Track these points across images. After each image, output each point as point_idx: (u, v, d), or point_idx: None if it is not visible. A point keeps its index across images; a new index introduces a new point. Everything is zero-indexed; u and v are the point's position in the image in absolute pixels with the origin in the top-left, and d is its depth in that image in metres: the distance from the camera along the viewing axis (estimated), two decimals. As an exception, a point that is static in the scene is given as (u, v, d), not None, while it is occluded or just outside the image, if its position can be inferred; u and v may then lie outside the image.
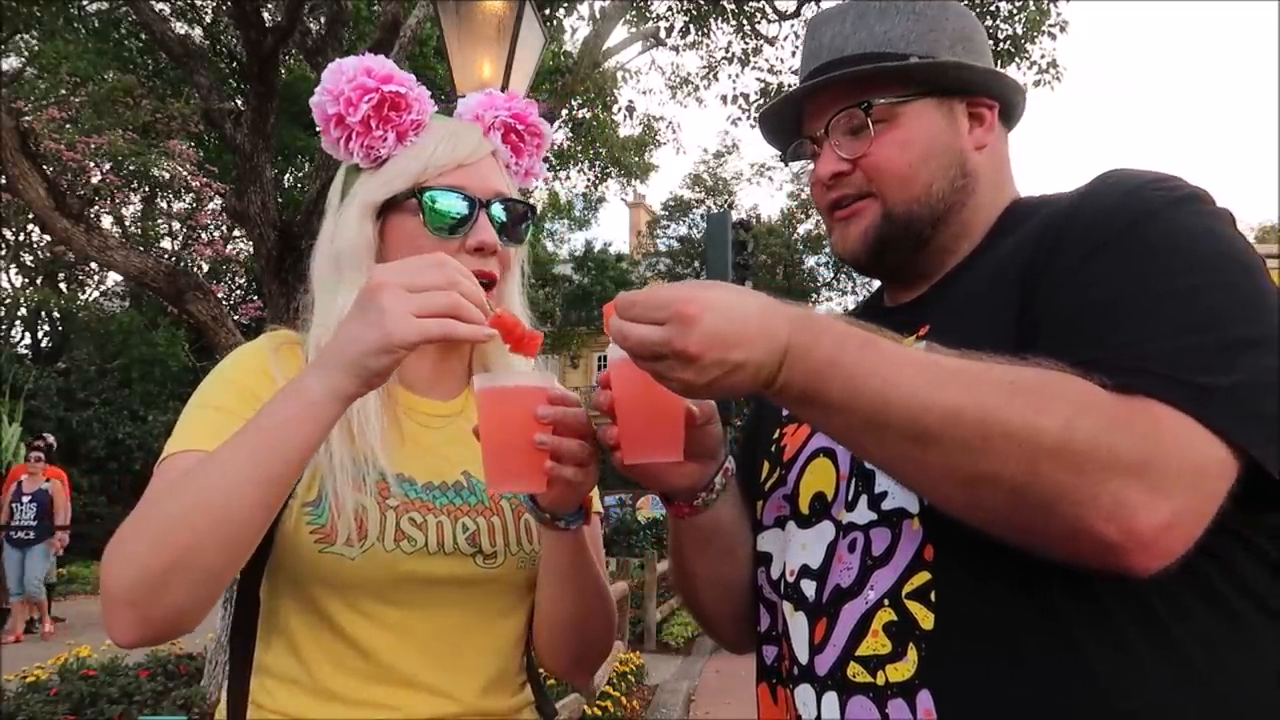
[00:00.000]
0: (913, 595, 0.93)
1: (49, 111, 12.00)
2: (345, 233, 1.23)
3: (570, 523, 1.15)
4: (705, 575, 1.18)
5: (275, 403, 0.99)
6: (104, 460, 17.15)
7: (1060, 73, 10.56)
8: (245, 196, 5.52)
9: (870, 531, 0.99)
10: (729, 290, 0.87)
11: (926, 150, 1.09)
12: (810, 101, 1.14)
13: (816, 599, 1.02)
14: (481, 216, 1.22)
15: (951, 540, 0.91)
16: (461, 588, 1.21)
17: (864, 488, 1.01)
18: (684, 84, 13.67)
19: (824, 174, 1.12)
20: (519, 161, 1.34)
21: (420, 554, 1.17)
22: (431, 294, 0.96)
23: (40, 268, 19.43)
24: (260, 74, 5.56)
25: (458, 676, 1.19)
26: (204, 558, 0.96)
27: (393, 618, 1.17)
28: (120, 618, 0.97)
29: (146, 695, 5.41)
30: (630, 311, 0.87)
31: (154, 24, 6.02)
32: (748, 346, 0.84)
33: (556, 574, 1.21)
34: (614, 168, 17.60)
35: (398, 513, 1.17)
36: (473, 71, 4.70)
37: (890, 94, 1.08)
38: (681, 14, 10.54)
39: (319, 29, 6.71)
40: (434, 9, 4.85)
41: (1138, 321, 0.85)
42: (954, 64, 1.10)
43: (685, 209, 28.57)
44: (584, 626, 1.26)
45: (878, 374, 0.83)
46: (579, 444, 1.05)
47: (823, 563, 1.03)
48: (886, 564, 0.96)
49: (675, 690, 7.62)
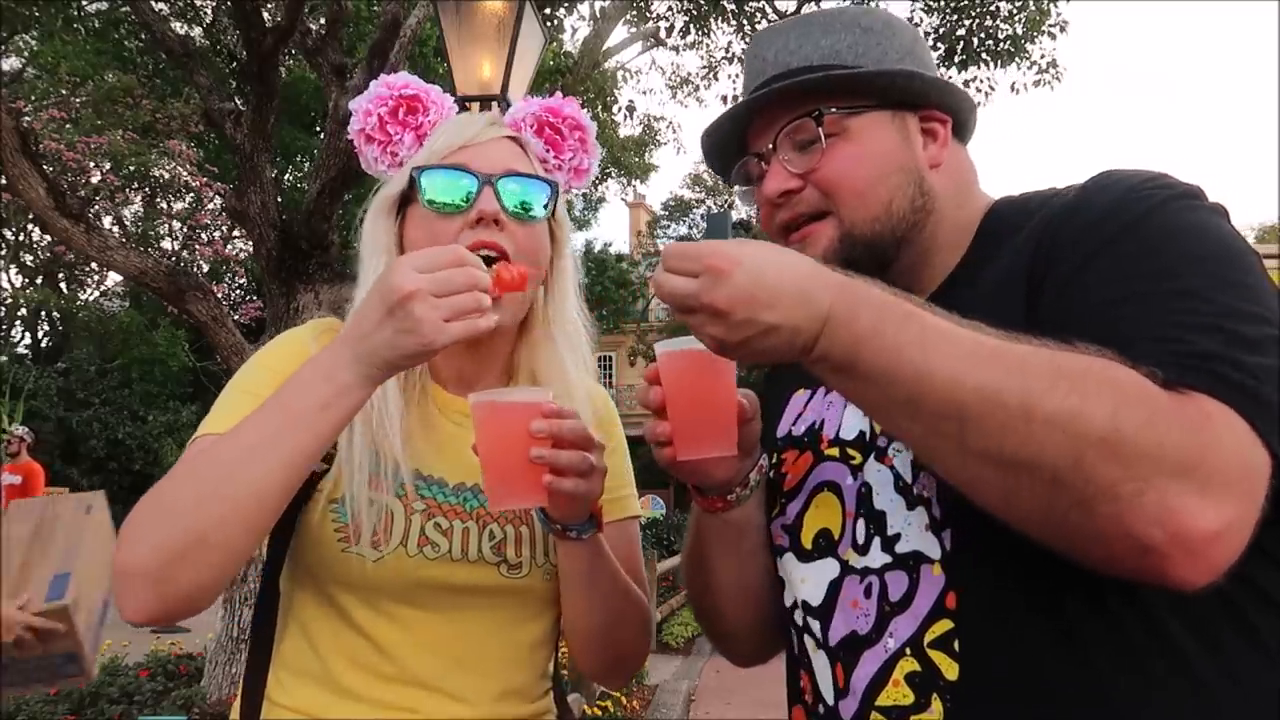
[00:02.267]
0: (935, 644, 0.90)
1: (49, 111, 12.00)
2: (368, 232, 1.25)
3: (582, 532, 1.13)
4: (730, 579, 1.14)
5: (302, 386, 1.01)
6: (104, 460, 17.16)
7: (1060, 73, 10.56)
8: (245, 196, 5.52)
9: (886, 575, 0.96)
10: (770, 250, 0.85)
11: (883, 165, 1.04)
12: (757, 117, 1.09)
13: (824, 639, 1.00)
14: (485, 191, 1.19)
15: (976, 587, 0.89)
16: (484, 596, 1.19)
17: (876, 529, 0.98)
18: (684, 84, 13.68)
19: (772, 191, 1.05)
20: (559, 156, 1.30)
21: (443, 560, 1.16)
22: (458, 299, 0.98)
23: (40, 268, 19.42)
24: (260, 74, 5.56)
25: (477, 681, 1.18)
26: (226, 535, 0.96)
27: (413, 619, 1.16)
28: (137, 594, 0.97)
29: (146, 695, 5.40)
30: (668, 262, 0.86)
31: (154, 24, 6.03)
32: (783, 310, 0.81)
33: (576, 582, 1.20)
34: (614, 168, 17.62)
35: (423, 517, 1.17)
36: (473, 71, 4.69)
37: (841, 104, 1.04)
38: (681, 14, 10.52)
39: (319, 29, 6.71)
40: (434, 9, 4.84)
41: (1161, 316, 0.82)
42: (904, 72, 1.05)
43: (685, 209, 28.58)
44: (614, 632, 1.24)
45: (920, 347, 0.80)
46: (578, 455, 1.05)
47: (823, 601, 1.01)
48: (905, 610, 0.93)
49: (675, 690, 7.61)
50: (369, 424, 1.16)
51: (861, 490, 1.02)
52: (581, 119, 1.31)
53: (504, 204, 1.19)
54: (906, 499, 0.97)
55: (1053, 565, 0.83)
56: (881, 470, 1.00)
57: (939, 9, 9.88)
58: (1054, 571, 0.84)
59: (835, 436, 1.08)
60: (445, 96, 1.28)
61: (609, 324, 26.64)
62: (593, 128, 1.33)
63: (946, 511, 0.93)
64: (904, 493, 0.97)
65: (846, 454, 1.06)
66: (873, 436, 1.03)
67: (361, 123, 1.25)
